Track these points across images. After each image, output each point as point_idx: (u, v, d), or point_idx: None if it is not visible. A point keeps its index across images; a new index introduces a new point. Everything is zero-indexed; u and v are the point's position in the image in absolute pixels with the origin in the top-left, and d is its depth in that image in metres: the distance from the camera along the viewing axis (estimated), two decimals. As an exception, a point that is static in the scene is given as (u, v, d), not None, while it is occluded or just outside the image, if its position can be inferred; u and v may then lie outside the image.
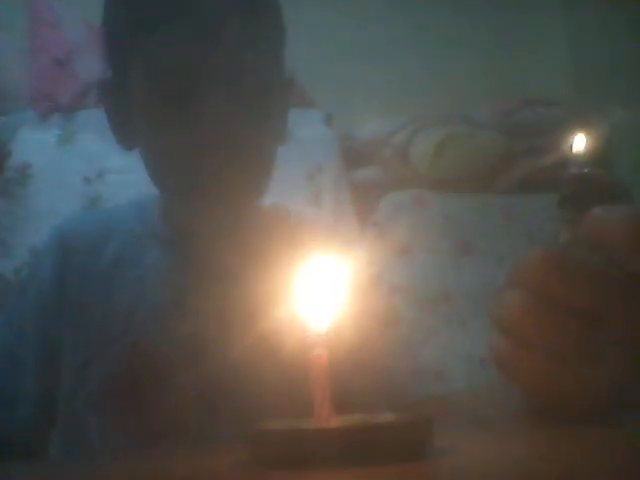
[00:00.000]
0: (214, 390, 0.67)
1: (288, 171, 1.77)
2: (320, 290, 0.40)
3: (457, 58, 2.22)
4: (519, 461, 0.35)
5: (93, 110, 1.62)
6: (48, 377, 0.74)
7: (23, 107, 1.78)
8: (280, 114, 0.78)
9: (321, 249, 0.41)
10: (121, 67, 0.73)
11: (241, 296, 0.67)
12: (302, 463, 0.35)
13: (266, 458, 0.37)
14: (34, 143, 1.72)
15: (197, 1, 0.69)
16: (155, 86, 0.70)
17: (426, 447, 0.37)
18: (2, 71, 1.80)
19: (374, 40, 2.20)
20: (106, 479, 0.41)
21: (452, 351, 1.57)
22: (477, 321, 1.57)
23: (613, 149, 1.92)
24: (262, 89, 0.71)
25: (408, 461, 0.35)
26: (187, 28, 0.67)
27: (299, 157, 1.78)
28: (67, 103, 1.75)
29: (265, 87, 0.72)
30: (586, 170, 0.44)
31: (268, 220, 0.79)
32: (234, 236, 0.73)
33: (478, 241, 1.80)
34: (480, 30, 2.27)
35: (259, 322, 0.59)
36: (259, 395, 0.65)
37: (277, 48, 0.76)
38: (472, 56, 2.24)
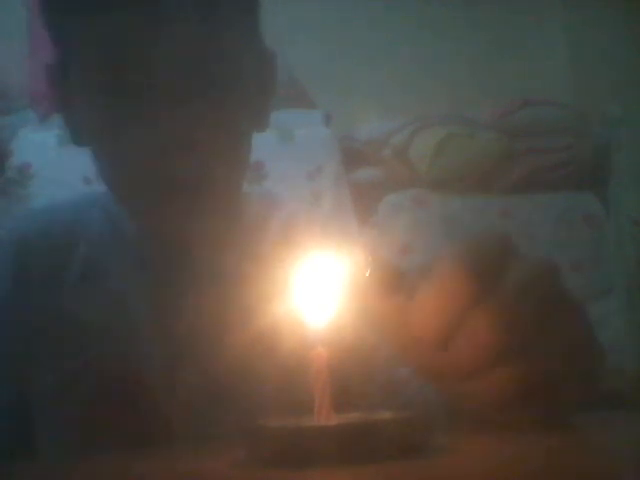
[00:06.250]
0: (212, 389, 0.67)
1: (288, 171, 1.79)
2: (319, 288, 0.40)
3: (457, 58, 2.22)
4: (517, 460, 0.35)
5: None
6: (17, 399, 0.69)
7: (23, 107, 1.78)
8: (257, 98, 0.69)
9: (319, 247, 0.41)
10: (68, 51, 0.66)
11: (236, 294, 0.66)
12: (301, 461, 0.35)
13: (265, 456, 0.37)
14: (34, 143, 1.72)
15: None
16: (105, 78, 0.62)
17: (424, 445, 0.37)
18: (2, 71, 1.80)
19: (374, 40, 2.20)
20: (105, 478, 0.41)
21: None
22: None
23: (613, 148, 1.92)
24: (227, 76, 0.64)
25: (407, 459, 0.35)
26: (138, 14, 0.60)
27: (298, 157, 1.78)
28: (67, 103, 1.75)
29: (231, 73, 0.64)
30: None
31: (264, 218, 0.76)
32: (225, 234, 0.69)
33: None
34: (480, 30, 2.27)
35: (257, 320, 0.58)
36: (258, 394, 0.65)
37: (244, 26, 0.67)
38: (472, 56, 2.24)
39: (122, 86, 0.62)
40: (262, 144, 0.73)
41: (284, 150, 1.75)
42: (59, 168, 1.68)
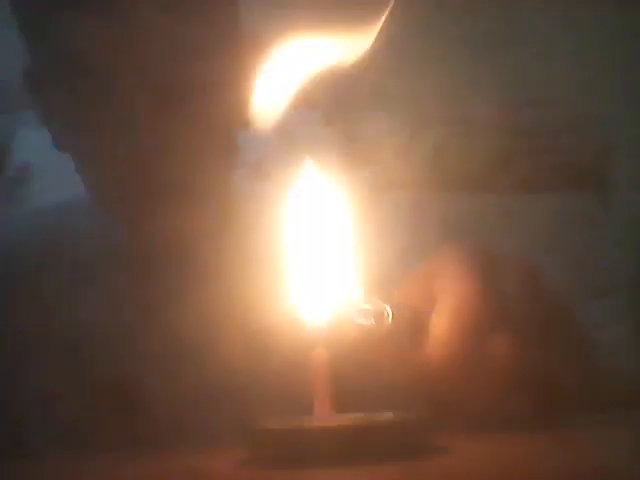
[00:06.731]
0: (213, 390, 0.67)
1: (288, 171, 1.79)
2: (319, 288, 0.40)
3: (457, 58, 2.22)
4: (517, 460, 0.35)
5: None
6: (12, 399, 0.69)
7: (23, 107, 1.78)
8: (237, 94, 0.64)
9: (318, 247, 0.41)
10: (35, 53, 0.63)
11: (233, 293, 0.65)
12: (302, 461, 0.35)
13: (266, 457, 0.37)
14: (34, 143, 1.71)
15: None
16: (75, 82, 0.60)
17: (425, 445, 0.37)
18: (2, 71, 1.80)
19: (373, 40, 2.19)
20: (105, 478, 0.41)
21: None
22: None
23: (613, 148, 1.93)
24: (204, 72, 0.61)
25: (408, 459, 0.35)
26: (108, 13, 0.58)
27: (298, 157, 1.78)
28: (67, 103, 1.75)
29: (208, 68, 0.61)
30: None
31: (258, 215, 0.75)
32: (218, 233, 0.68)
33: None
34: (480, 30, 2.27)
35: (256, 320, 0.58)
36: (258, 394, 0.65)
37: (219, 19, 0.64)
38: (472, 56, 2.24)
39: (93, 89, 0.60)
40: (262, 144, 0.73)
41: (284, 150, 1.75)
42: (59, 168, 1.68)
